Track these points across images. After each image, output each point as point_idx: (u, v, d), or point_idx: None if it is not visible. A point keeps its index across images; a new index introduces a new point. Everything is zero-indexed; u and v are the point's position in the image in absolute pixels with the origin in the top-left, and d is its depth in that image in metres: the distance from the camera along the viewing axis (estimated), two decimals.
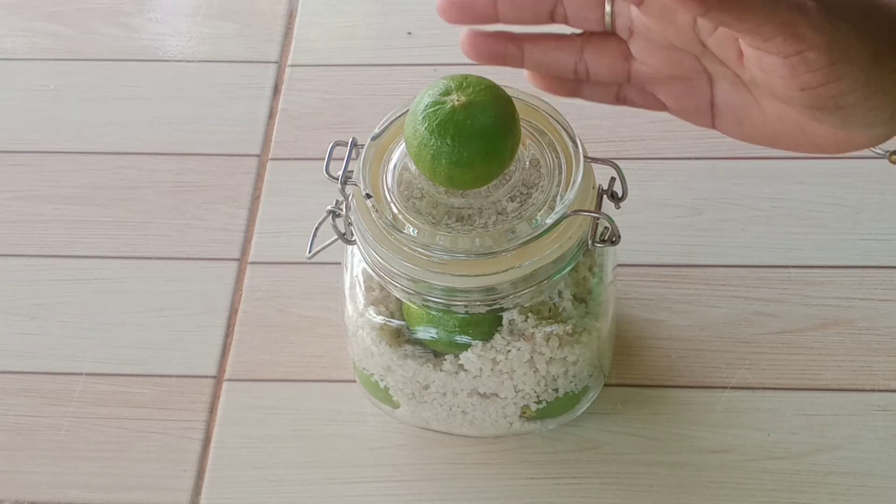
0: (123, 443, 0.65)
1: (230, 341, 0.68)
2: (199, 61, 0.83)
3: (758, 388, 0.65)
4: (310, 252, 0.58)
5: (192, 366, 0.67)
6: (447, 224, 0.53)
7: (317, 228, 0.58)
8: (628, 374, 0.66)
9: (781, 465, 0.62)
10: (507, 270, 0.52)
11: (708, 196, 0.73)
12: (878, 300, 0.68)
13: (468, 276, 0.53)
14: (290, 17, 0.85)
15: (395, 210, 0.53)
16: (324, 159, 0.56)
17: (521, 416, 0.60)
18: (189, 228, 0.73)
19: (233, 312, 0.70)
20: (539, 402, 0.59)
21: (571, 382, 0.59)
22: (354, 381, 0.64)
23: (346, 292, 0.59)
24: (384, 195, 0.54)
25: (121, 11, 0.86)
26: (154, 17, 0.86)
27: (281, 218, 0.74)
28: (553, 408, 0.60)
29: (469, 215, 0.53)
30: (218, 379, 0.67)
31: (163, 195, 0.75)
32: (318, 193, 0.61)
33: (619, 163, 0.55)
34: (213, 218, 0.74)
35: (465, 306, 0.55)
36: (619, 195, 0.56)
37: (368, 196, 0.53)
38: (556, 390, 0.59)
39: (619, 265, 0.63)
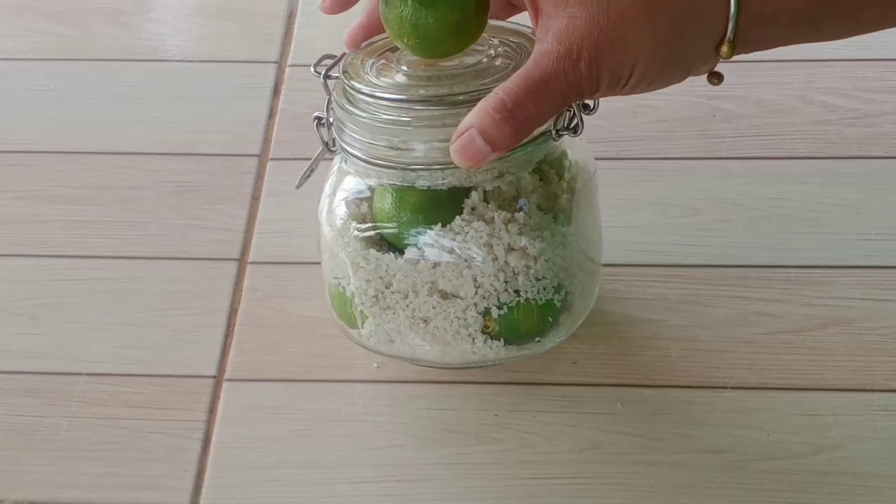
0: (123, 443, 0.65)
1: (230, 341, 0.68)
2: (199, 61, 0.83)
3: (758, 388, 0.65)
4: (298, 185, 0.61)
5: (192, 366, 0.67)
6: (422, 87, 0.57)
7: (313, 162, 0.61)
8: (628, 374, 0.66)
9: (781, 465, 0.62)
10: None
11: (708, 196, 0.73)
12: (878, 300, 0.68)
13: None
14: (290, 17, 0.85)
15: (372, 80, 0.57)
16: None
17: (483, 332, 0.60)
18: (189, 228, 0.73)
19: (233, 312, 0.70)
20: (500, 308, 0.59)
21: (534, 287, 0.59)
22: (355, 381, 0.64)
23: (324, 211, 0.61)
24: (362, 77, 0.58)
25: (121, 11, 0.86)
26: (154, 17, 0.86)
27: (281, 218, 0.74)
28: (516, 323, 0.60)
29: (440, 80, 0.56)
30: (218, 379, 0.67)
31: (163, 195, 0.75)
32: (318, 193, 0.62)
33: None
34: (213, 218, 0.74)
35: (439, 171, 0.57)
36: (591, 106, 0.57)
37: (346, 72, 0.57)
38: (518, 293, 0.59)
39: (619, 265, 0.63)
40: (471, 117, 0.52)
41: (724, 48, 0.52)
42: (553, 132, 0.56)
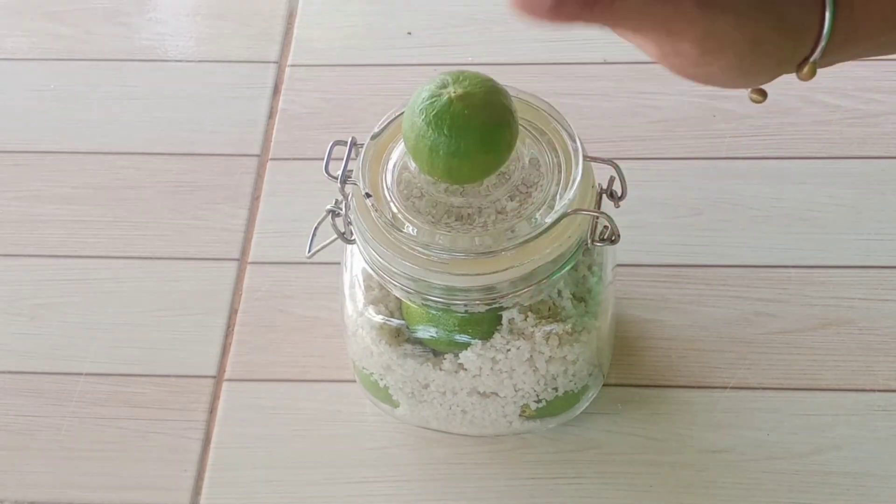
0: (123, 443, 0.65)
1: (230, 341, 0.68)
2: (199, 61, 0.83)
3: (758, 388, 0.65)
4: (309, 251, 0.59)
5: (192, 366, 0.67)
6: (447, 223, 0.53)
7: (316, 228, 0.58)
8: (628, 374, 0.66)
9: (781, 465, 0.62)
10: (506, 269, 0.52)
11: (708, 196, 0.73)
12: (878, 300, 0.68)
13: (467, 274, 0.53)
14: (290, 17, 0.85)
15: (395, 209, 0.53)
16: (324, 159, 0.56)
17: (520, 416, 0.60)
18: (189, 228, 0.73)
19: (233, 312, 0.70)
20: (539, 401, 0.59)
21: (571, 381, 0.59)
22: (354, 381, 0.64)
23: (346, 291, 0.59)
24: (384, 194, 0.54)
25: (121, 11, 0.86)
26: (154, 17, 0.86)
27: (281, 218, 0.74)
28: (553, 407, 0.60)
29: (469, 214, 0.53)
30: (218, 379, 0.67)
31: (163, 195, 0.75)
32: (318, 193, 0.61)
33: (618, 162, 0.55)
34: (213, 218, 0.74)
35: (465, 305, 0.55)
36: (619, 194, 0.56)
37: (368, 195, 0.53)
38: (556, 389, 0.59)
39: (619, 265, 0.63)
40: None
41: (805, 69, 0.47)
42: (589, 242, 0.55)
